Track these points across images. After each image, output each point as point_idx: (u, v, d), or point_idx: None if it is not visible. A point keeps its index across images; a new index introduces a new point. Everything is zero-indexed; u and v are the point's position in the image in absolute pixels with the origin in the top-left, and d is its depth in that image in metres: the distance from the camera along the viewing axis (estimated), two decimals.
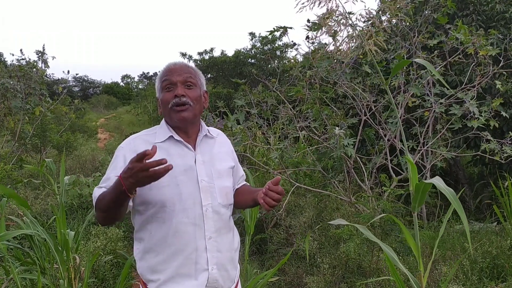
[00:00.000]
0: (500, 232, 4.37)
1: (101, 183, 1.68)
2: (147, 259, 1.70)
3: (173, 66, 1.79)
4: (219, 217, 1.75)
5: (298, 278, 3.95)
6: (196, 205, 1.69)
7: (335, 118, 5.36)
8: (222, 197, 1.77)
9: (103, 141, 15.77)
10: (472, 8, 6.03)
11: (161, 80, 1.79)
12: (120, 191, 1.45)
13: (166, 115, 1.78)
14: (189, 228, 1.67)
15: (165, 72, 1.79)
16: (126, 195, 1.45)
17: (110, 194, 1.52)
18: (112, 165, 1.72)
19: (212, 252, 1.71)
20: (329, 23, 2.38)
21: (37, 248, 3.41)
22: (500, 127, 5.28)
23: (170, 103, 1.74)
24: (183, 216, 1.67)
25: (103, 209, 1.57)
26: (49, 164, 4.05)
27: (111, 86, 40.71)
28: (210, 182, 1.74)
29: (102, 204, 1.56)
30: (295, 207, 5.23)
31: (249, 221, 3.19)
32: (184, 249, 1.67)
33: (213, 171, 1.78)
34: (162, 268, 1.67)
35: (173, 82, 1.75)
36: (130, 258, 3.33)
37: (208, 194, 1.73)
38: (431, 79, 4.83)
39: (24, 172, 7.91)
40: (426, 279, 1.87)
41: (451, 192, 1.54)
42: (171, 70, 1.78)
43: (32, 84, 8.81)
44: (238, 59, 18.50)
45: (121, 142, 1.82)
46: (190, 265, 1.68)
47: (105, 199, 1.55)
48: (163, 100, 1.77)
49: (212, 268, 1.70)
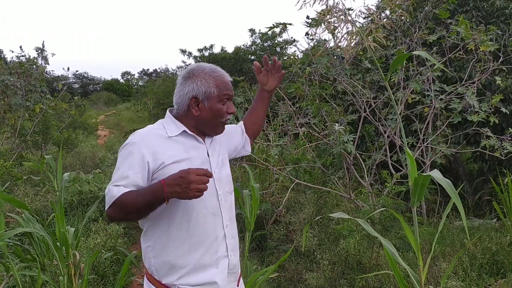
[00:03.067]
0: (499, 228, 4.37)
1: (118, 181, 1.61)
2: (164, 255, 1.69)
3: (227, 79, 1.80)
4: (229, 204, 1.82)
5: (298, 274, 3.96)
6: (213, 196, 1.73)
7: (334, 115, 5.36)
8: (228, 184, 1.84)
9: (103, 138, 15.77)
10: (472, 4, 6.01)
11: (221, 91, 1.76)
12: (157, 198, 1.47)
13: (211, 125, 1.78)
14: (209, 218, 1.71)
15: (224, 84, 1.78)
16: (161, 202, 1.47)
17: (143, 199, 1.52)
18: (127, 161, 1.65)
19: (229, 239, 1.78)
20: (329, 19, 2.38)
21: (36, 245, 3.42)
22: (500, 124, 5.28)
23: (224, 118, 1.78)
24: (202, 207, 1.69)
25: (127, 211, 1.56)
26: (49, 161, 4.05)
27: (111, 83, 40.67)
28: (220, 172, 1.80)
29: (129, 207, 1.55)
30: (295, 204, 5.24)
31: (249, 218, 3.19)
32: (205, 240, 1.70)
33: (219, 161, 1.84)
34: (183, 260, 1.68)
35: (230, 98, 1.78)
36: (130, 254, 3.34)
37: (221, 184, 1.78)
38: (431, 75, 4.82)
39: (24, 169, 7.91)
40: (425, 274, 1.88)
41: (449, 183, 1.54)
42: (227, 83, 1.78)
43: (32, 81, 8.79)
44: (238, 56, 18.47)
45: (129, 137, 1.73)
46: (211, 255, 1.72)
47: (135, 202, 1.54)
48: (218, 112, 1.76)
49: (231, 254, 1.77)
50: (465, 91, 4.60)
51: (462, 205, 1.54)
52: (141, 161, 1.63)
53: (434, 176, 1.57)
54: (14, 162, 7.68)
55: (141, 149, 1.65)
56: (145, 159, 1.63)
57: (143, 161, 1.63)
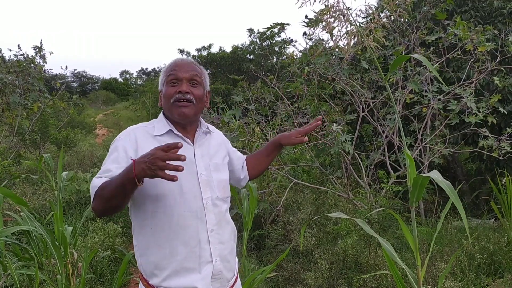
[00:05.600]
0: (497, 228, 4.38)
1: (101, 173, 1.62)
2: (148, 254, 1.69)
3: (181, 62, 1.79)
4: (218, 209, 1.77)
5: (296, 274, 3.96)
6: (197, 199, 1.70)
7: (333, 114, 5.36)
8: (220, 190, 1.79)
9: (101, 137, 15.77)
10: (471, 5, 6.02)
11: (167, 74, 1.78)
12: (128, 178, 1.42)
13: (167, 109, 1.78)
14: (192, 221, 1.68)
15: (172, 66, 1.78)
16: (133, 183, 1.42)
17: (116, 181, 1.48)
18: (112, 156, 1.67)
19: (215, 244, 1.72)
20: (328, 19, 2.38)
21: (34, 243, 3.41)
22: (498, 124, 5.29)
23: (173, 97, 1.74)
24: (185, 209, 1.67)
25: (106, 198, 1.51)
26: (47, 160, 4.05)
27: (110, 82, 40.67)
28: (209, 176, 1.76)
29: (106, 192, 1.51)
30: (293, 203, 5.24)
31: (247, 217, 3.19)
32: (187, 242, 1.67)
33: (211, 164, 1.80)
34: (166, 262, 1.66)
35: (179, 78, 1.75)
36: (128, 253, 3.33)
37: (208, 187, 1.74)
38: (429, 76, 4.83)
39: (22, 168, 7.90)
40: (423, 274, 1.88)
41: (448, 184, 1.53)
42: (178, 65, 1.77)
43: (31, 79, 8.79)
44: (236, 55, 18.47)
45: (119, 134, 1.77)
46: (194, 258, 1.68)
47: (110, 186, 1.51)
48: (166, 94, 1.76)
49: (216, 260, 1.72)
50: (463, 92, 4.61)
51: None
52: (124, 156, 1.64)
53: (434, 177, 1.56)
54: (12, 161, 7.67)
55: (125, 145, 1.68)
56: (128, 155, 1.64)
57: (126, 156, 1.63)
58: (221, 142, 1.97)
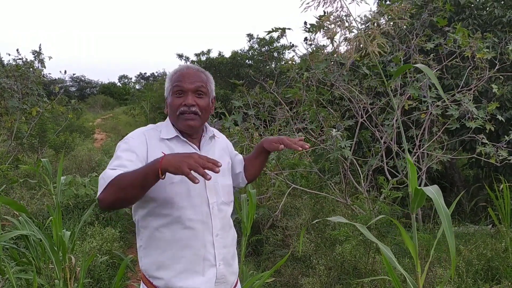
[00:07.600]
0: (495, 234, 4.38)
1: (115, 166, 1.59)
2: (152, 255, 1.70)
3: (186, 71, 1.78)
4: (223, 214, 1.79)
5: (294, 279, 3.96)
6: (203, 203, 1.72)
7: (331, 120, 5.37)
8: (225, 194, 1.81)
9: (99, 142, 15.76)
10: (468, 13, 6.06)
11: (172, 84, 1.77)
12: (152, 169, 1.42)
13: (173, 119, 1.79)
14: (198, 225, 1.69)
15: (177, 76, 1.77)
16: (156, 175, 1.41)
17: (138, 171, 1.48)
18: (125, 153, 1.65)
19: (219, 248, 1.74)
20: (329, 25, 2.39)
21: (32, 248, 3.40)
22: (496, 131, 5.31)
23: (178, 110, 1.74)
24: (192, 213, 1.68)
25: (122, 187, 1.48)
26: (45, 164, 4.04)
27: (108, 86, 40.73)
28: (215, 181, 1.75)
29: (123, 182, 1.48)
30: (291, 209, 5.24)
31: (245, 222, 3.19)
32: (192, 245, 1.68)
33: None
34: (170, 264, 1.67)
35: (184, 89, 1.74)
36: (126, 258, 3.33)
37: (214, 192, 1.76)
38: (428, 82, 4.85)
39: (20, 172, 7.89)
40: (423, 280, 1.88)
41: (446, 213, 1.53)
42: (184, 75, 1.76)
43: (29, 84, 8.78)
44: (235, 60, 18.53)
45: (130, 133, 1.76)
46: (198, 261, 1.69)
47: (129, 176, 1.48)
48: (172, 105, 1.76)
49: (219, 264, 1.73)
50: (462, 98, 4.63)
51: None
52: (138, 154, 1.66)
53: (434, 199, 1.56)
54: (10, 165, 7.67)
55: (138, 145, 1.69)
56: (142, 154, 1.66)
57: (139, 155, 1.65)
58: (225, 146, 1.99)
